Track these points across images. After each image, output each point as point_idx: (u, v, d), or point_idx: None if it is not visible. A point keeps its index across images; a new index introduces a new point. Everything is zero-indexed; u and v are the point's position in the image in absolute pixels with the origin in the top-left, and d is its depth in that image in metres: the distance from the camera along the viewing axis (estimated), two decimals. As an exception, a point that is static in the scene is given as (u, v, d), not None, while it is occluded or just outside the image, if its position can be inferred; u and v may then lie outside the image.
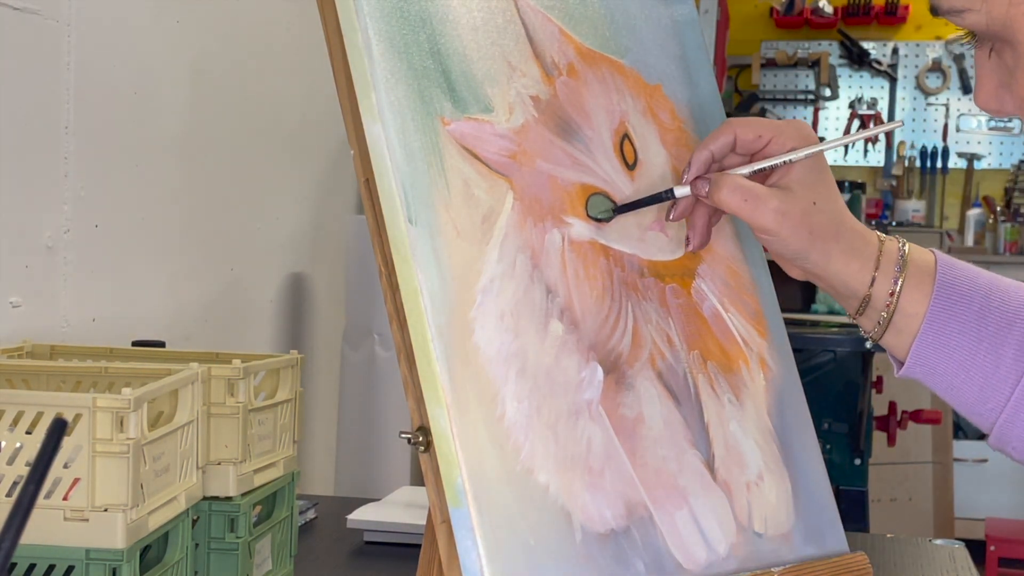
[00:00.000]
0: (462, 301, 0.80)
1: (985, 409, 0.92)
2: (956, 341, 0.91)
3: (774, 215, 0.88)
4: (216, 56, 1.97)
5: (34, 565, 0.87)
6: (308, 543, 1.39)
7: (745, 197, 0.88)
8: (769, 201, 0.88)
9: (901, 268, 0.91)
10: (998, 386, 0.90)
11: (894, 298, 0.91)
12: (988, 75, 0.84)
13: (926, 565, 1.36)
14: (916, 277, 0.92)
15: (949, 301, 0.91)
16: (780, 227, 0.88)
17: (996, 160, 5.41)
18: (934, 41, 5.43)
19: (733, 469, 0.92)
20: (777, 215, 0.88)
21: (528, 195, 0.86)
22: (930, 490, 4.38)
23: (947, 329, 0.91)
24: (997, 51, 0.83)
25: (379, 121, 0.80)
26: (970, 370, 0.91)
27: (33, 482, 0.54)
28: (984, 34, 0.83)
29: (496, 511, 0.76)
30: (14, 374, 1.07)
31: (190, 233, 1.89)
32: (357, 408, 2.36)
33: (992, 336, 0.91)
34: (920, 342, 0.91)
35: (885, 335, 0.93)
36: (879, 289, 0.91)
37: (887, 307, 0.91)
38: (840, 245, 0.90)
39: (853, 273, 0.91)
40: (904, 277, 0.91)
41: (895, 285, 0.91)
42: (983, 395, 0.91)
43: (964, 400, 0.92)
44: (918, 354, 0.92)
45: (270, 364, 1.14)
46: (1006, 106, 0.84)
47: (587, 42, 0.96)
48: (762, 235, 0.90)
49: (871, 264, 0.91)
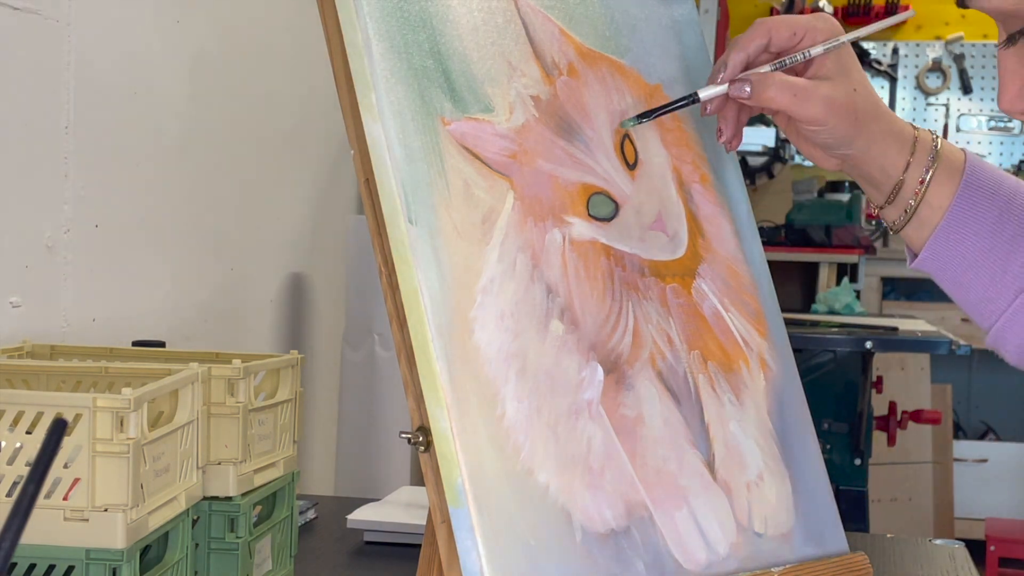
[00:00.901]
0: (462, 301, 0.80)
1: (987, 310, 0.95)
2: (971, 241, 0.93)
3: (824, 104, 0.90)
4: (216, 56, 1.97)
5: (34, 565, 0.87)
6: (308, 543, 1.39)
7: (795, 92, 0.90)
8: (816, 91, 0.91)
9: (934, 159, 0.94)
10: (1002, 290, 0.93)
11: (924, 187, 0.94)
12: (1012, 76, 0.84)
13: (926, 565, 1.36)
14: (945, 171, 0.94)
15: (971, 201, 0.93)
16: (829, 115, 0.91)
17: (996, 160, 5.40)
18: (934, 41, 5.43)
19: (733, 469, 0.92)
20: (826, 103, 0.91)
21: (528, 195, 0.86)
22: (930, 490, 4.38)
23: (964, 228, 0.93)
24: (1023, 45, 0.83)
25: (379, 121, 0.80)
26: (979, 270, 0.94)
27: (33, 482, 0.53)
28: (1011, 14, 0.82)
29: (496, 511, 0.76)
30: (14, 374, 1.07)
31: (190, 233, 1.89)
32: (357, 408, 2.36)
33: (1007, 241, 0.93)
34: (936, 237, 0.94)
35: (908, 225, 0.95)
36: (911, 176, 0.94)
37: (915, 195, 0.94)
38: (881, 127, 0.93)
39: (891, 157, 0.94)
40: (935, 168, 0.94)
41: (926, 174, 0.94)
42: (987, 295, 0.94)
43: (968, 298, 0.96)
44: (933, 248, 0.94)
45: (270, 364, 1.14)
46: None
47: (587, 42, 0.96)
48: (811, 126, 0.92)
49: (907, 149, 0.94)
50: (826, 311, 3.67)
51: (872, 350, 2.90)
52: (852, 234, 4.12)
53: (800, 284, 4.46)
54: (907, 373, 4.38)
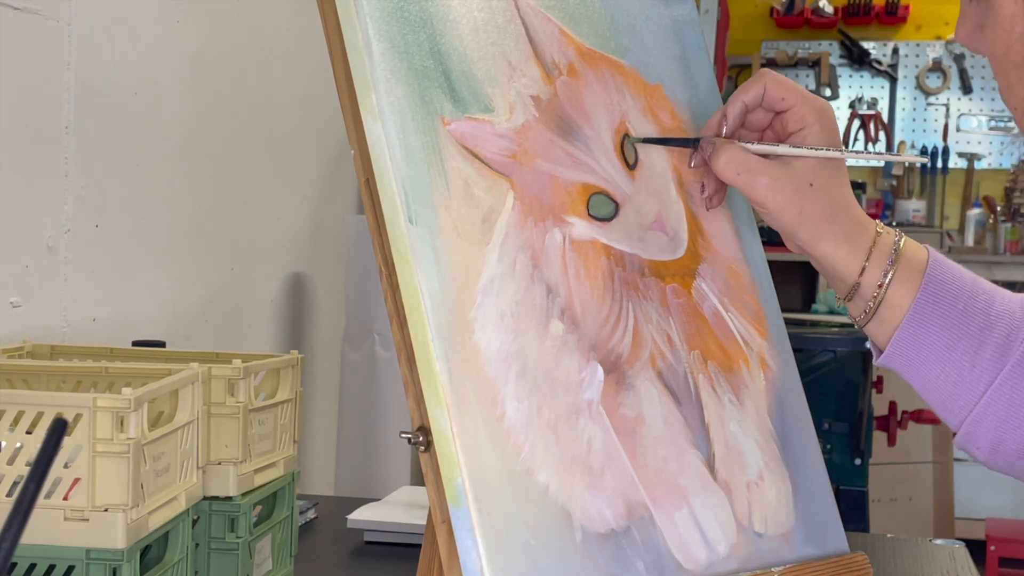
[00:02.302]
0: (462, 301, 0.80)
1: (956, 407, 0.93)
2: (936, 337, 0.93)
3: (765, 190, 0.91)
4: (216, 56, 1.97)
5: (34, 565, 0.87)
6: (308, 543, 1.39)
7: (739, 170, 0.91)
8: (760, 177, 0.91)
9: (893, 261, 0.93)
10: (971, 386, 0.92)
11: (882, 290, 0.93)
12: (968, 16, 0.89)
13: (926, 565, 1.36)
14: (906, 271, 0.93)
15: (934, 297, 0.93)
16: (768, 201, 0.91)
17: (996, 160, 5.41)
18: (934, 41, 5.43)
19: (733, 469, 0.92)
20: (768, 190, 0.91)
21: (528, 195, 0.86)
22: (930, 490, 4.38)
23: (928, 325, 0.93)
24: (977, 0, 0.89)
25: (379, 121, 0.80)
26: (946, 367, 0.93)
27: (33, 482, 0.54)
28: None
29: (496, 511, 0.76)
30: (14, 374, 1.07)
31: (190, 233, 1.89)
32: (357, 408, 2.36)
33: (972, 337, 0.92)
34: (900, 334, 0.93)
35: (870, 323, 0.95)
36: (868, 279, 0.93)
37: (874, 297, 0.93)
38: (833, 229, 0.92)
39: (842, 259, 0.93)
40: (895, 271, 0.93)
41: (884, 277, 0.93)
42: (955, 392, 0.93)
43: (937, 395, 0.95)
44: (897, 345, 0.94)
45: (270, 364, 1.14)
46: (980, 47, 0.88)
47: (587, 42, 0.96)
48: (755, 206, 0.93)
49: (863, 253, 0.93)
50: (826, 311, 3.67)
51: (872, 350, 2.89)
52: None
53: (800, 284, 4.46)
54: (907, 373, 4.37)
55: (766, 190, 0.91)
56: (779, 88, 0.93)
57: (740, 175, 0.91)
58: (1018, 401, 0.90)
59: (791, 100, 0.93)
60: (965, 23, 0.89)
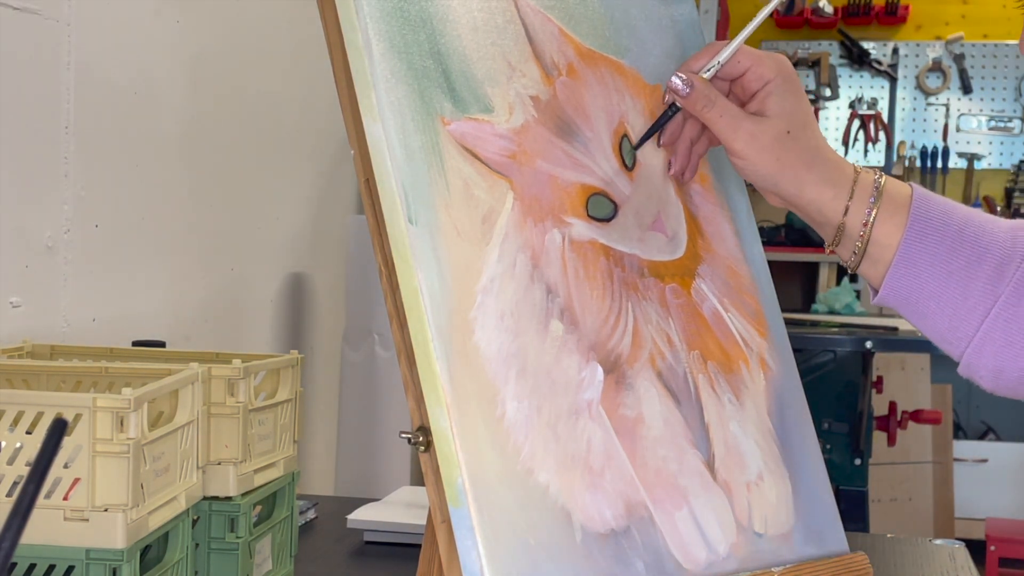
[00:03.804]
0: (462, 301, 0.80)
1: (954, 338, 0.95)
2: (927, 273, 0.94)
3: (746, 137, 0.91)
4: (216, 56, 1.97)
5: (34, 565, 0.87)
6: (308, 543, 1.39)
7: (720, 114, 0.91)
8: (743, 123, 0.91)
9: (875, 199, 0.94)
10: (966, 317, 0.94)
11: (867, 228, 0.94)
12: None
13: (926, 565, 1.36)
14: (890, 208, 0.94)
15: (922, 233, 0.94)
16: (749, 150, 0.91)
17: (996, 160, 5.40)
18: (934, 41, 5.43)
19: (733, 469, 0.92)
20: (749, 138, 0.91)
21: (528, 195, 0.86)
22: (930, 490, 4.38)
23: (919, 261, 0.94)
24: None
25: (379, 121, 0.80)
26: (940, 301, 0.94)
27: (33, 482, 0.54)
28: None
29: (496, 511, 0.76)
30: (14, 374, 1.07)
31: (190, 233, 1.89)
32: (357, 408, 2.36)
33: (962, 269, 0.93)
34: (893, 272, 0.94)
35: (861, 264, 0.96)
36: (853, 219, 0.94)
37: (861, 237, 0.94)
38: (813, 175, 0.93)
39: (827, 201, 0.93)
40: (878, 208, 0.94)
41: (868, 215, 0.94)
42: (952, 325, 0.95)
43: (935, 329, 0.96)
44: (891, 284, 0.94)
45: (270, 364, 1.14)
46: None
47: (587, 42, 0.96)
48: (733, 158, 0.93)
49: (845, 193, 0.94)
50: (826, 311, 3.67)
51: (872, 350, 2.90)
52: (852, 234, 4.11)
53: (800, 284, 4.47)
54: (907, 373, 4.38)
55: (748, 136, 0.91)
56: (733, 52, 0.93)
57: (722, 117, 0.91)
58: (1014, 330, 0.92)
59: (746, 61, 0.93)
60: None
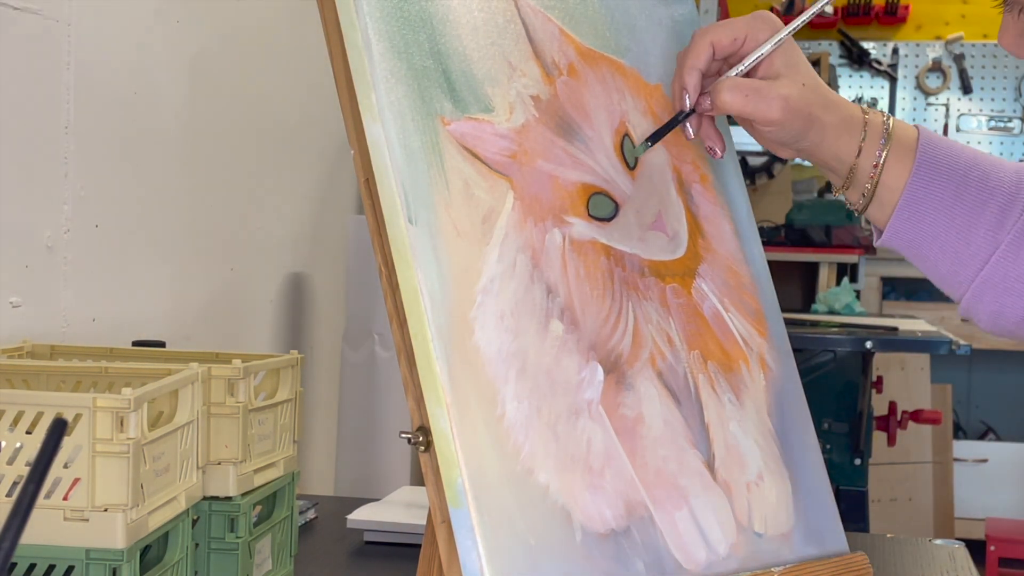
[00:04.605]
0: (462, 301, 0.80)
1: (956, 281, 0.97)
2: (931, 216, 0.95)
3: (780, 103, 0.91)
4: (216, 56, 1.97)
5: (34, 565, 0.87)
6: (308, 543, 1.39)
7: (746, 94, 0.91)
8: (771, 91, 0.92)
9: (885, 141, 0.96)
10: (968, 261, 0.96)
11: (877, 170, 0.95)
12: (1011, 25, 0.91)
13: (926, 565, 1.36)
14: (898, 151, 0.96)
15: (927, 178, 0.95)
16: (785, 114, 0.92)
17: (996, 160, 5.40)
18: (934, 41, 5.43)
19: (733, 469, 0.92)
20: (782, 102, 0.91)
21: (528, 195, 0.86)
22: (930, 490, 4.38)
23: (923, 204, 0.95)
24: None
25: (379, 121, 0.80)
26: (943, 244, 0.96)
27: (33, 482, 0.53)
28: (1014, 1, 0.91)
29: (496, 511, 0.76)
30: (14, 374, 1.07)
31: (190, 233, 1.89)
32: (357, 408, 2.36)
33: (966, 214, 0.95)
34: (897, 216, 0.96)
35: (869, 207, 0.97)
36: (864, 160, 0.95)
37: (871, 179, 0.96)
38: (831, 120, 0.94)
39: (843, 145, 0.95)
40: (888, 150, 0.95)
41: (879, 157, 0.95)
42: (954, 268, 0.97)
43: (937, 271, 0.98)
44: (895, 227, 0.96)
45: (270, 364, 1.14)
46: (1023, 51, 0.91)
47: (587, 42, 0.96)
48: (766, 127, 0.93)
49: (858, 135, 0.95)
50: (826, 311, 3.67)
51: (872, 350, 2.90)
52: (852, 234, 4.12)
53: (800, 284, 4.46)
54: (907, 373, 4.38)
55: (780, 103, 0.91)
56: (725, 35, 0.93)
57: (748, 97, 0.91)
58: (1014, 276, 0.94)
59: (740, 34, 0.93)
60: (1008, 32, 0.91)
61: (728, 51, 0.93)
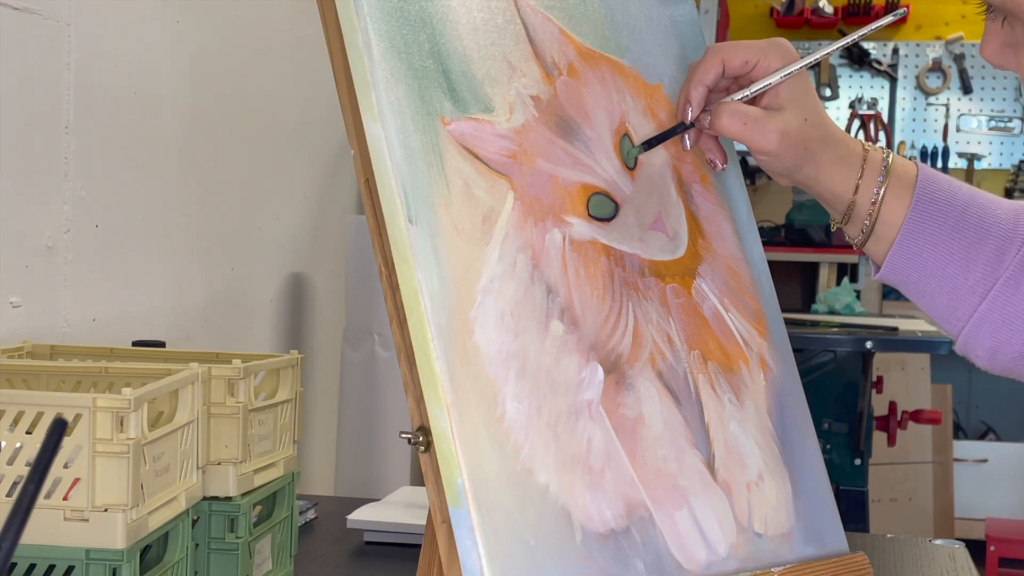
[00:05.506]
0: (462, 301, 0.80)
1: (953, 318, 0.97)
2: (929, 252, 0.96)
3: (776, 135, 0.92)
4: (216, 56, 1.97)
5: (34, 565, 0.87)
6: (308, 543, 1.39)
7: (744, 121, 0.92)
8: (769, 123, 0.92)
9: (884, 177, 0.96)
10: (965, 297, 0.96)
11: (876, 206, 0.96)
12: (994, 34, 0.91)
13: (926, 565, 1.36)
14: (897, 187, 0.96)
15: (926, 214, 0.96)
16: (781, 147, 0.92)
17: (996, 160, 5.40)
18: (934, 41, 5.43)
19: (733, 469, 0.92)
20: (779, 135, 0.92)
21: (528, 195, 0.86)
22: (930, 490, 4.38)
23: (921, 240, 0.96)
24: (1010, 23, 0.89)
25: (379, 121, 0.80)
26: (941, 280, 0.96)
27: (33, 482, 0.53)
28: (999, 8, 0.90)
29: (496, 511, 0.76)
30: (14, 374, 1.07)
31: (190, 233, 1.89)
32: (357, 408, 2.36)
33: (964, 250, 0.96)
34: (895, 251, 0.96)
35: (868, 242, 0.98)
36: (863, 196, 0.96)
37: (869, 215, 0.96)
38: (829, 155, 0.95)
39: (840, 181, 0.96)
40: (886, 186, 0.96)
41: (877, 193, 0.96)
42: (952, 304, 0.97)
43: (934, 307, 0.98)
44: (893, 262, 0.97)
45: (270, 364, 1.14)
46: (1008, 63, 0.90)
47: (587, 42, 0.96)
48: (762, 156, 0.94)
49: (856, 171, 0.96)
50: (826, 311, 3.67)
51: (872, 350, 2.90)
52: (852, 234, 4.11)
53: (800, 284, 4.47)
54: (907, 373, 4.38)
55: (776, 136, 0.92)
56: (738, 56, 0.93)
57: (746, 125, 0.92)
58: (1011, 313, 0.94)
59: (752, 58, 0.93)
60: (991, 41, 0.91)
61: (738, 72, 0.94)
